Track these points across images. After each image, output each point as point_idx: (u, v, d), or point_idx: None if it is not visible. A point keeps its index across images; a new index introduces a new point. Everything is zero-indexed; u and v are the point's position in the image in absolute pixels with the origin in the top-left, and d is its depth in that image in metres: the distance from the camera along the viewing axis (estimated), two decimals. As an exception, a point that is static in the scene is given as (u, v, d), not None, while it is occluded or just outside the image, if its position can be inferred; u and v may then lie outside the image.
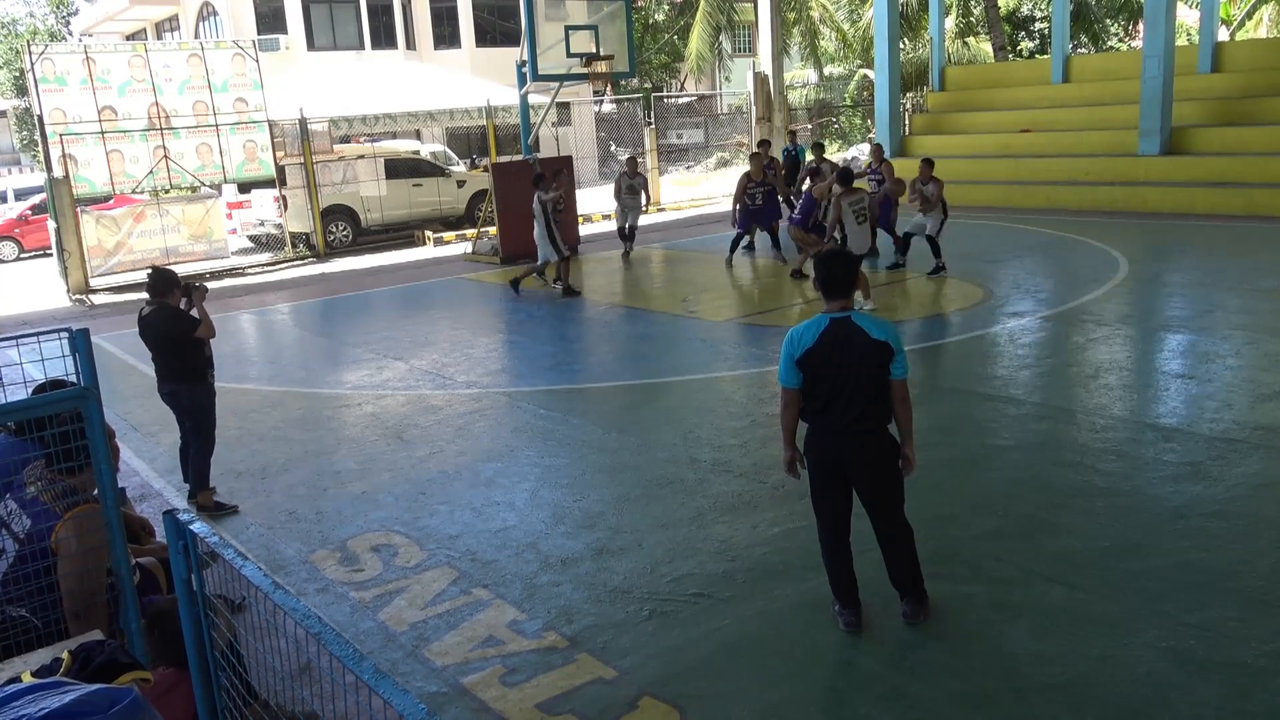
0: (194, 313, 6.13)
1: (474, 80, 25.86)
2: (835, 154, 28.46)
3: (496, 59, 28.25)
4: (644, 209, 15.89)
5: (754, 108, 24.03)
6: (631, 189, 15.59)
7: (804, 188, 14.64)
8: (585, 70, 14.88)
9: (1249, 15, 29.90)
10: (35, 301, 15.88)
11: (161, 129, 16.62)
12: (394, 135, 23.92)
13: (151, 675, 2.88)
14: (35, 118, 17.28)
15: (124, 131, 16.35)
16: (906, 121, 23.24)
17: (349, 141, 22.31)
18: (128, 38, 33.40)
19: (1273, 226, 14.38)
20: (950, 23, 29.13)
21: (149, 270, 6.36)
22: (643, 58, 32.64)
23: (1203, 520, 5.15)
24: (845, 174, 10.66)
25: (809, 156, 16.60)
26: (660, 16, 36.51)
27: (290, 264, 18.12)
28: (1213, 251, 12.74)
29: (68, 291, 16.02)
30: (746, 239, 14.45)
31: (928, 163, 12.25)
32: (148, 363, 6.51)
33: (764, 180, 13.77)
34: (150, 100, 16.54)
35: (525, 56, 14.72)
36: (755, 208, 13.78)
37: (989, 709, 3.74)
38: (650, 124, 24.51)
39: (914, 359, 7.87)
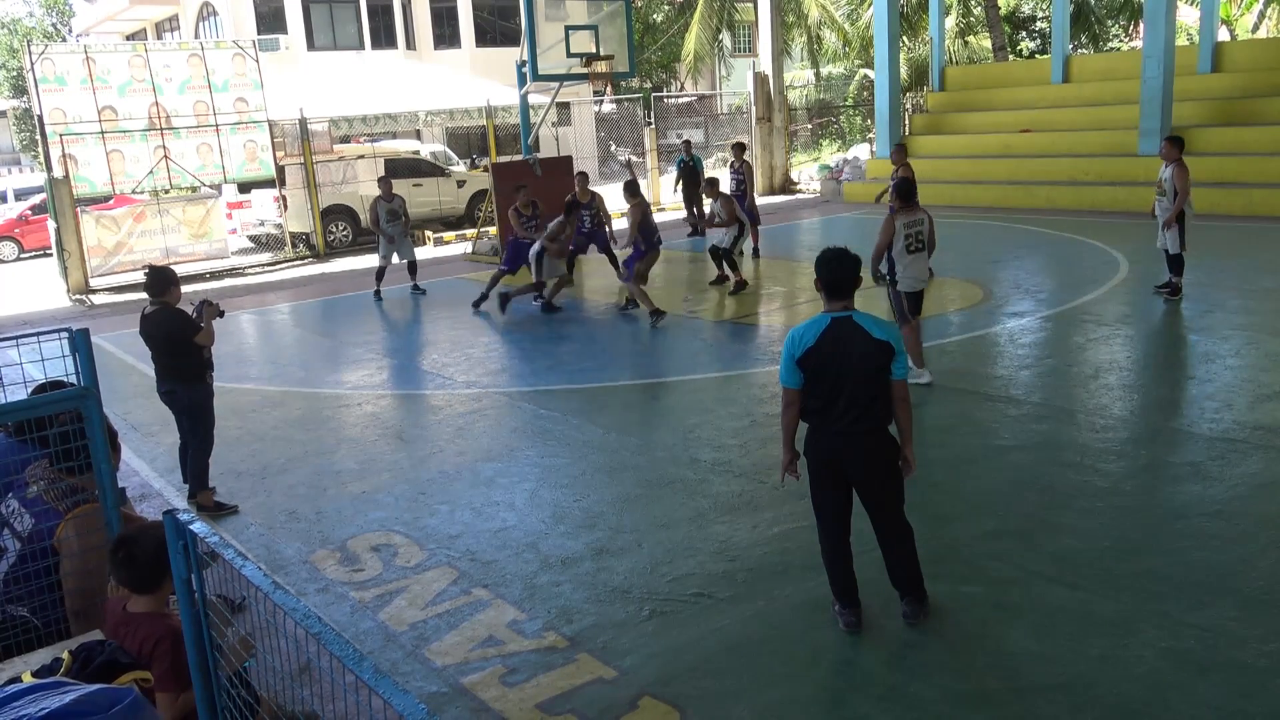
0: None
1: (474, 80, 25.87)
2: (834, 154, 28.47)
3: (496, 59, 28.25)
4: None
5: (754, 107, 24.05)
6: (392, 213, 13.04)
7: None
8: (585, 70, 14.87)
9: (1261, 16, 29.90)
10: (35, 301, 15.88)
11: (162, 129, 16.62)
12: (394, 135, 23.92)
13: (151, 675, 2.89)
14: (35, 118, 17.28)
15: (124, 131, 16.35)
16: (907, 121, 23.24)
17: (349, 141, 22.32)
18: (128, 38, 33.41)
19: (1273, 226, 14.38)
20: (950, 22, 29.12)
21: (146, 269, 6.35)
22: (643, 58, 32.65)
23: (1203, 520, 5.15)
24: (905, 186, 7.81)
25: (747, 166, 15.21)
26: (659, 17, 36.50)
27: (290, 264, 18.12)
28: (1213, 251, 12.73)
29: (68, 291, 16.02)
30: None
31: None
32: (148, 363, 6.51)
33: (533, 215, 12.23)
34: (150, 100, 16.54)
35: (525, 56, 14.71)
36: (526, 243, 11.99)
37: (989, 709, 3.74)
38: (650, 124, 24.52)
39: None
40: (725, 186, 14.55)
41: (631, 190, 11.33)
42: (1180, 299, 9.96)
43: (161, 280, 6.09)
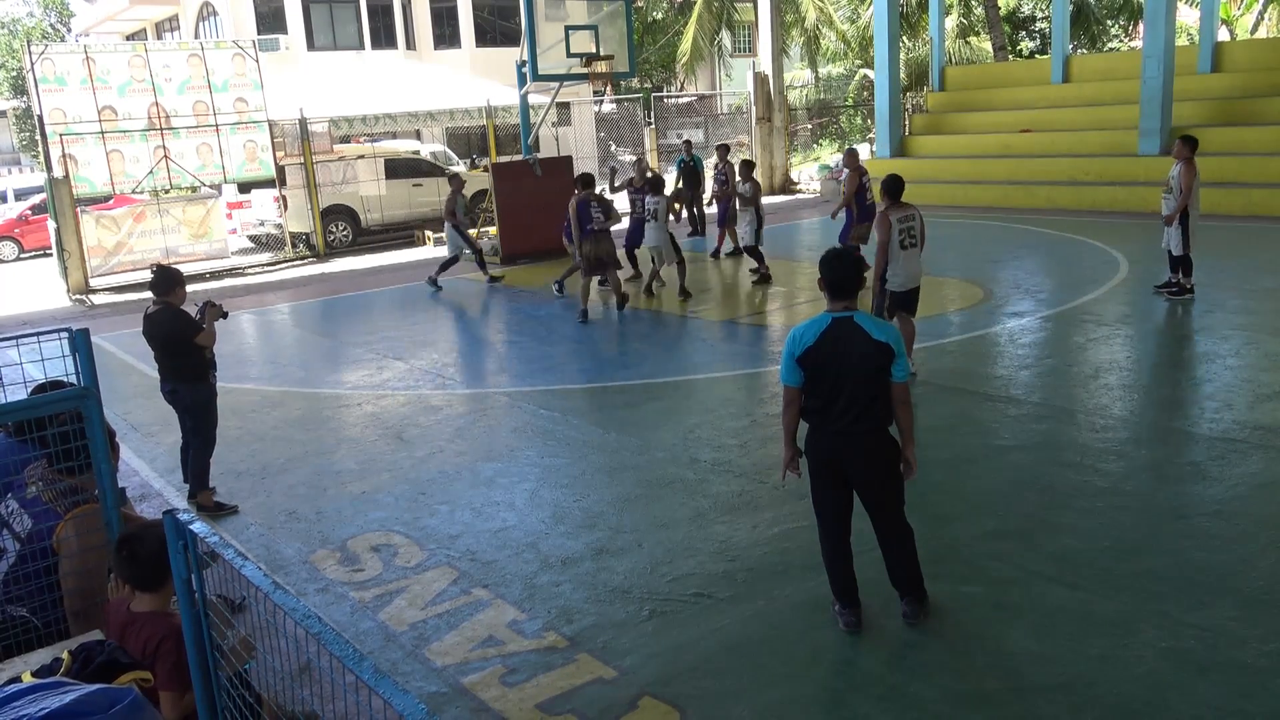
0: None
1: (474, 80, 25.87)
2: (833, 154, 28.45)
3: (496, 59, 28.25)
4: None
5: (754, 107, 24.04)
6: (465, 207, 13.90)
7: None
8: (585, 70, 14.88)
9: (1261, 16, 29.91)
10: (35, 301, 15.87)
11: (161, 129, 16.62)
12: (394, 135, 23.91)
13: (152, 675, 2.89)
14: (35, 118, 17.27)
15: (124, 131, 16.34)
16: (906, 121, 23.24)
17: (349, 141, 22.31)
18: (127, 38, 33.41)
19: (1273, 226, 14.39)
20: (950, 23, 29.11)
21: (153, 267, 6.36)
22: (642, 58, 32.64)
23: (1203, 520, 5.15)
24: (893, 183, 7.53)
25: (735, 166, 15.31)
26: (659, 15, 36.48)
27: (290, 264, 18.11)
28: (1213, 251, 12.72)
29: (68, 291, 16.01)
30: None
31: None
32: (148, 363, 6.52)
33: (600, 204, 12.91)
34: (150, 100, 16.53)
35: (525, 56, 14.72)
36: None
37: (989, 709, 3.74)
38: (650, 124, 24.52)
39: (914, 358, 7.87)
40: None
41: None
42: (1189, 298, 9.94)
43: (166, 280, 6.09)
